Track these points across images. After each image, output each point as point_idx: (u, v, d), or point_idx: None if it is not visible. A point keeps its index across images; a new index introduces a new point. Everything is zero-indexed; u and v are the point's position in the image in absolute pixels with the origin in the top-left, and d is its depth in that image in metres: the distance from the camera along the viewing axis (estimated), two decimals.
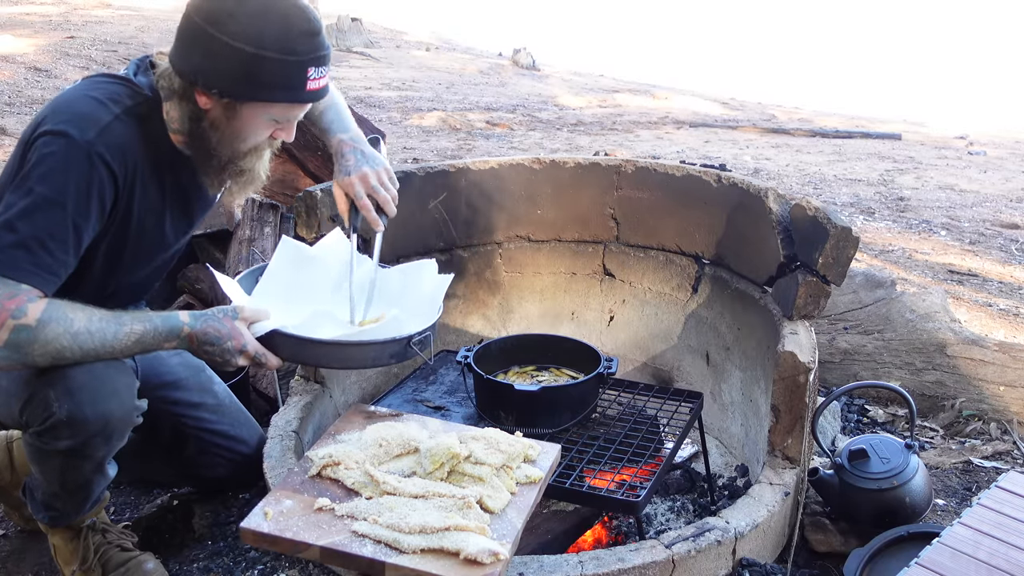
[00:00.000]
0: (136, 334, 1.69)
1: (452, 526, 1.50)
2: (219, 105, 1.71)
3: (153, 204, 1.83)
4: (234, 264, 3.00)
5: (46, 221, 1.60)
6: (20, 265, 1.58)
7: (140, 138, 1.74)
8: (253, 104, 1.70)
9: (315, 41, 1.68)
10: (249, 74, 1.65)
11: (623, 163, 2.73)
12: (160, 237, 1.91)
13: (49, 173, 1.61)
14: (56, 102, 1.72)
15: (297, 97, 1.71)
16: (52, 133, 1.63)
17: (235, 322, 1.75)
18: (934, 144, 8.49)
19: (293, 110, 1.76)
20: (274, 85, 1.67)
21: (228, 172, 1.83)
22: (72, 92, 1.75)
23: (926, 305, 3.11)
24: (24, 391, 1.70)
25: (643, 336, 2.84)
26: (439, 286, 2.06)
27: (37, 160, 1.62)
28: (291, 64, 1.66)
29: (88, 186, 1.64)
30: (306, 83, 1.69)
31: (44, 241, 1.60)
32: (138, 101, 1.74)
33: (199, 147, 1.79)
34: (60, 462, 1.77)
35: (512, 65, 12.84)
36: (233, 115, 1.72)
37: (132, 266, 1.90)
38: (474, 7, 20.18)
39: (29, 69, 8.20)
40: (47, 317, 1.58)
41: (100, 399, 1.68)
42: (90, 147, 1.64)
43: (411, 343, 1.86)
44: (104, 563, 1.97)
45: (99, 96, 1.71)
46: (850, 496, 2.10)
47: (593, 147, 7.48)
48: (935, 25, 19.30)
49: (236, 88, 1.67)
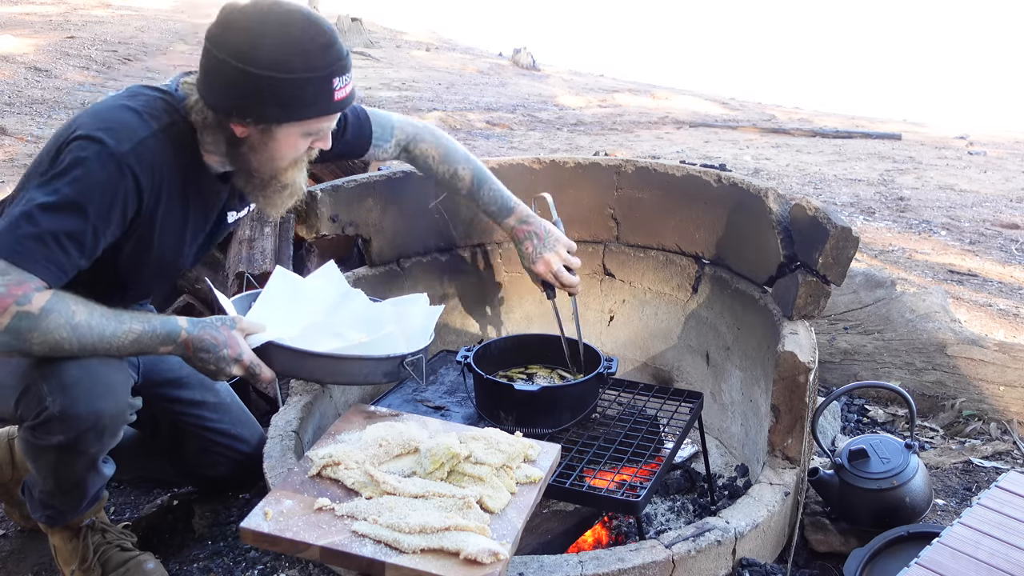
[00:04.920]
0: (134, 334, 1.70)
1: (452, 526, 1.50)
2: (255, 131, 1.74)
3: (175, 223, 1.85)
4: (234, 264, 2.99)
5: (66, 221, 1.62)
6: (33, 257, 1.59)
7: (172, 157, 1.76)
8: (288, 125, 1.74)
9: (334, 51, 1.71)
10: (281, 99, 1.69)
11: (623, 163, 2.73)
12: (178, 255, 1.93)
13: (79, 177, 1.63)
14: (97, 108, 1.75)
15: (327, 109, 1.75)
16: (88, 138, 1.66)
17: (232, 331, 1.77)
18: (934, 144, 8.49)
19: (325, 122, 1.80)
20: (304, 103, 1.71)
21: (271, 188, 1.86)
22: (114, 100, 1.77)
23: (926, 305, 3.11)
24: (19, 384, 1.71)
25: (643, 336, 2.84)
26: (430, 316, 2.11)
27: (70, 162, 1.64)
28: (317, 80, 1.69)
29: (114, 195, 1.67)
30: (333, 94, 1.73)
31: (61, 239, 1.62)
32: (175, 120, 1.77)
33: (240, 168, 1.83)
34: (53, 458, 1.77)
35: (512, 65, 12.85)
36: (270, 139, 1.75)
37: (148, 279, 1.93)
38: (474, 7, 20.18)
39: (29, 69, 8.20)
40: (50, 307, 1.59)
41: (93, 395, 1.69)
42: (123, 158, 1.66)
43: (404, 363, 1.90)
44: (104, 563, 1.98)
45: (139, 108, 1.74)
46: (850, 496, 2.10)
47: (593, 147, 7.48)
48: (935, 25, 19.31)
49: (270, 113, 1.71)
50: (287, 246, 3.13)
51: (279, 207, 1.92)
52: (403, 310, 2.14)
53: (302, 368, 1.86)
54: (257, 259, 2.94)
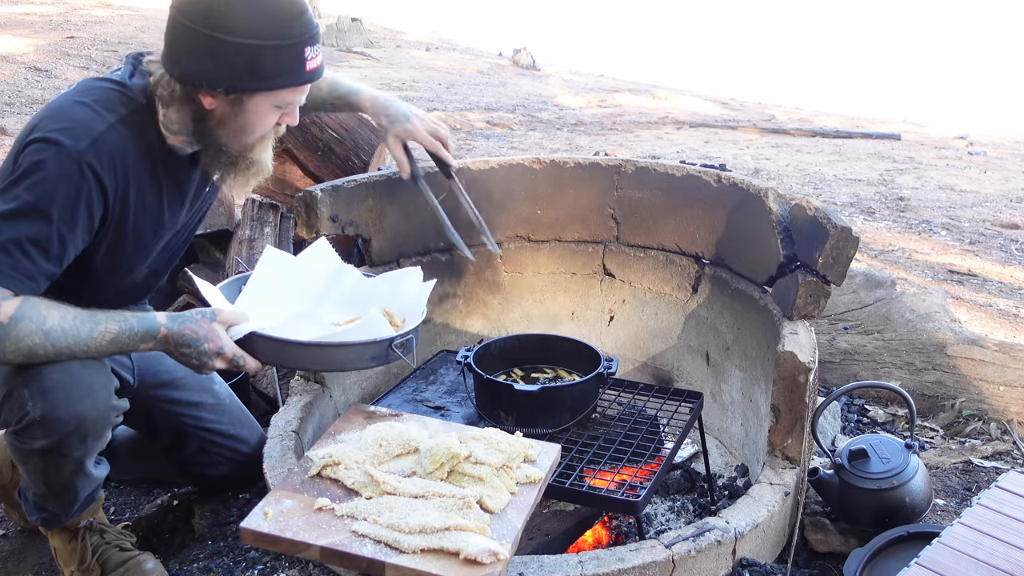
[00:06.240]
0: (111, 334, 1.68)
1: (452, 526, 1.50)
2: (225, 102, 1.71)
3: (150, 210, 1.83)
4: (234, 264, 2.99)
5: (29, 227, 1.60)
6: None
7: (134, 145, 1.73)
8: (259, 95, 1.71)
9: (305, 21, 1.69)
10: (252, 67, 1.66)
11: (623, 163, 2.73)
12: (158, 240, 1.91)
13: (38, 181, 1.60)
14: (50, 107, 1.72)
15: (299, 79, 1.73)
16: (44, 140, 1.63)
17: (213, 324, 1.75)
18: (934, 144, 8.48)
19: (296, 93, 1.77)
20: (277, 72, 1.68)
21: (240, 166, 1.84)
22: (66, 97, 1.74)
23: (926, 305, 3.11)
24: (1, 390, 1.71)
25: (643, 336, 2.84)
26: (423, 291, 2.07)
27: (27, 167, 1.61)
28: (289, 48, 1.67)
29: (76, 197, 1.64)
30: (305, 64, 1.71)
31: (24, 246, 1.59)
32: (132, 108, 1.74)
33: (208, 145, 1.79)
34: (39, 461, 1.77)
35: (512, 65, 12.84)
36: (240, 109, 1.72)
37: (131, 270, 1.91)
38: (474, 7, 20.18)
39: (29, 69, 8.20)
40: (19, 315, 1.58)
41: (74, 399, 1.68)
42: (81, 157, 1.63)
43: (392, 346, 1.84)
44: (103, 563, 1.97)
45: (93, 103, 1.70)
46: (850, 496, 2.10)
47: (593, 147, 7.48)
48: (935, 26, 19.30)
49: (241, 83, 1.68)
50: (287, 246, 3.13)
51: (245, 186, 1.89)
52: (396, 287, 2.10)
53: (287, 357, 1.84)
54: (257, 259, 2.94)
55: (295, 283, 2.06)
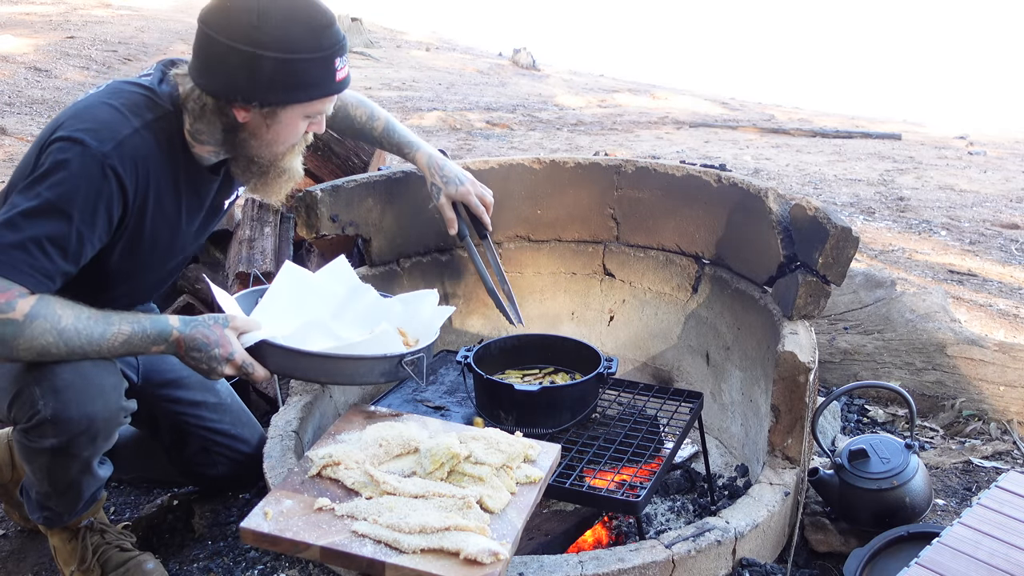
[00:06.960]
0: (124, 335, 1.69)
1: (452, 526, 1.50)
2: (258, 115, 1.74)
3: (168, 216, 1.84)
4: (234, 264, 2.99)
5: (49, 226, 1.61)
6: (16, 265, 1.58)
7: (157, 151, 1.75)
8: (292, 107, 1.74)
9: (334, 32, 1.72)
10: (287, 80, 1.68)
11: (623, 163, 2.73)
12: (174, 247, 1.93)
13: (60, 180, 1.61)
14: (77, 107, 1.73)
15: (330, 90, 1.76)
16: (68, 139, 1.64)
17: (225, 330, 1.76)
18: (934, 144, 8.48)
19: (326, 103, 1.80)
20: (309, 84, 1.71)
21: (271, 174, 1.86)
22: (95, 98, 1.75)
23: (926, 305, 3.11)
24: (13, 387, 1.71)
25: (643, 336, 2.84)
26: (439, 315, 2.08)
27: (51, 165, 1.62)
28: (321, 60, 1.70)
29: (96, 198, 1.65)
30: (335, 74, 1.74)
31: (44, 245, 1.60)
32: (158, 115, 1.75)
33: (238, 155, 1.82)
34: (47, 460, 1.77)
35: (512, 65, 12.84)
36: (273, 121, 1.75)
37: (144, 274, 1.93)
38: (474, 7, 20.17)
39: (29, 69, 8.20)
40: (35, 313, 1.59)
41: (85, 399, 1.68)
42: (104, 159, 1.64)
43: (402, 363, 1.85)
44: (103, 563, 1.97)
45: (120, 106, 1.72)
46: (850, 496, 2.10)
47: (593, 147, 7.48)
48: (935, 25, 19.30)
49: (275, 96, 1.70)
50: (287, 246, 3.14)
51: (279, 193, 1.91)
52: (412, 308, 2.12)
53: (296, 367, 1.84)
54: (257, 259, 2.94)
55: (312, 299, 2.07)
